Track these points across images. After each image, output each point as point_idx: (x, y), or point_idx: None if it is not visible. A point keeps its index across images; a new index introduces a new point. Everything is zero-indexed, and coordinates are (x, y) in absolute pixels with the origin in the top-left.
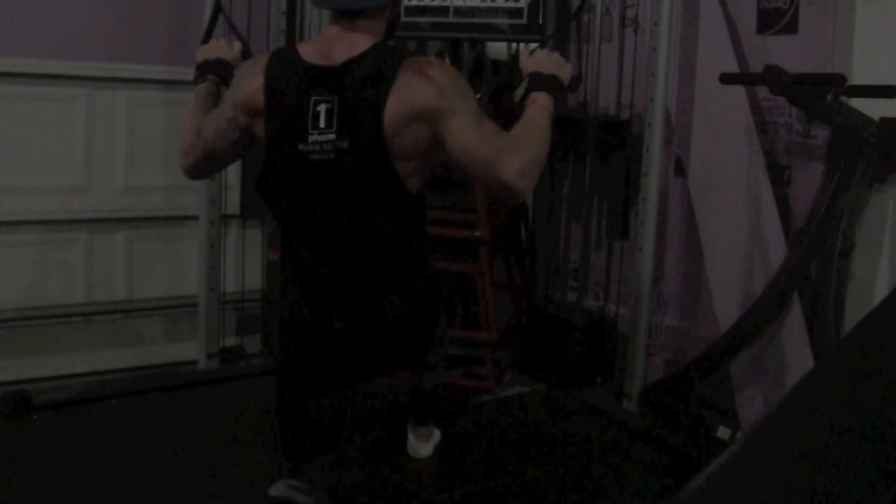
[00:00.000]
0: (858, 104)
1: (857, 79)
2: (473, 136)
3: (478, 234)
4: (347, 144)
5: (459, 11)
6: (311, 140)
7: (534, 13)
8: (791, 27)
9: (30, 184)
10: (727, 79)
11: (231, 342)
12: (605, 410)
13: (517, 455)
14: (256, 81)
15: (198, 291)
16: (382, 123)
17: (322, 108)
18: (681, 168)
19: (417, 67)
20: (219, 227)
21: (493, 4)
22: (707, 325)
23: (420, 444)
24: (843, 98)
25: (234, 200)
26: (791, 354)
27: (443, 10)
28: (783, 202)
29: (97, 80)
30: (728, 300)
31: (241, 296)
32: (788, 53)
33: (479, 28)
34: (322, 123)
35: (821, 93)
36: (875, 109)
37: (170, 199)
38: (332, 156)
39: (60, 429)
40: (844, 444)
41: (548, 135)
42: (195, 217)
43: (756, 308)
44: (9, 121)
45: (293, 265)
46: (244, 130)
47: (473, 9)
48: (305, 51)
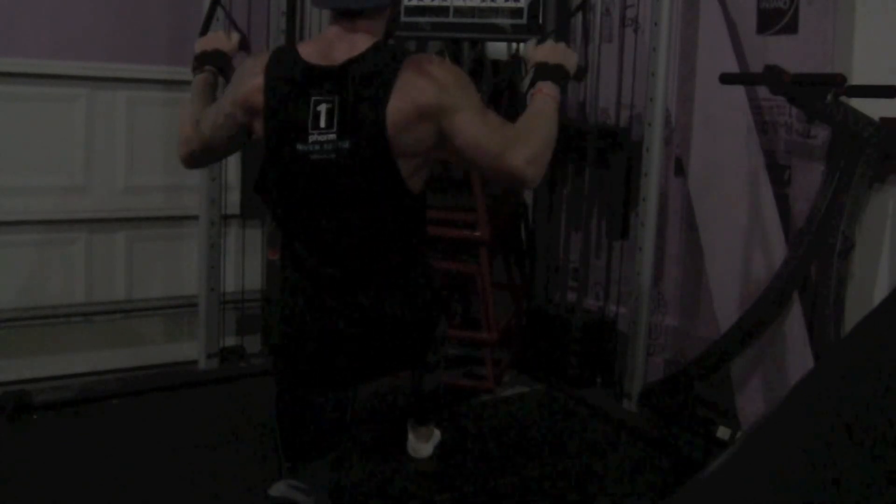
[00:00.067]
0: (858, 104)
1: (857, 79)
2: (479, 130)
3: (478, 234)
4: (348, 144)
5: (459, 11)
6: (312, 140)
7: (534, 13)
8: (791, 27)
9: (30, 184)
10: (727, 79)
11: (231, 342)
12: (605, 410)
13: (517, 455)
14: (256, 80)
15: (198, 291)
16: (385, 123)
17: (322, 108)
18: (681, 168)
19: (418, 66)
20: (219, 227)
21: (493, 4)
22: (707, 325)
23: (420, 444)
24: (843, 98)
25: (234, 200)
26: (791, 354)
27: (443, 10)
28: (783, 202)
29: (97, 80)
30: (728, 300)
31: (241, 296)
32: (788, 53)
33: (479, 28)
34: (322, 123)
35: (821, 93)
36: (875, 109)
37: (170, 199)
38: (333, 156)
39: (60, 429)
40: (844, 444)
41: (554, 123)
42: (195, 217)
43: (756, 308)
44: (9, 121)
45: (293, 265)
46: (242, 127)
47: (473, 9)
48: (305, 51)
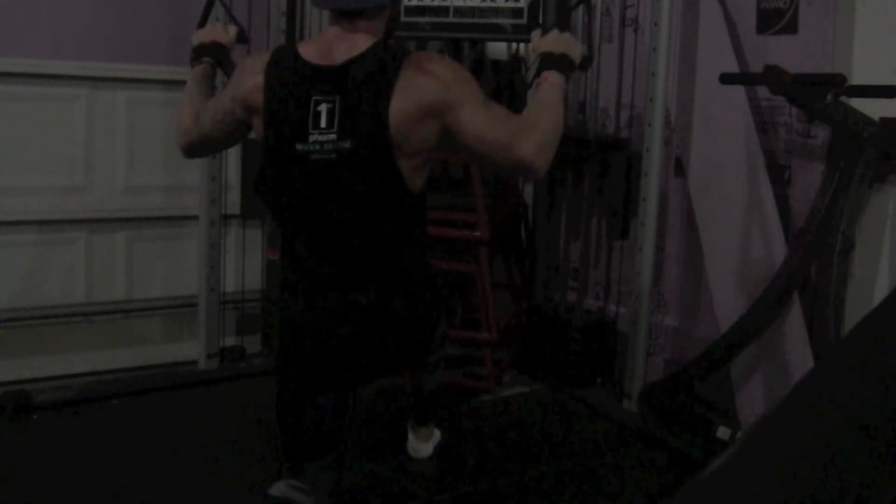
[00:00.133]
0: (858, 104)
1: (857, 79)
2: (485, 123)
3: (478, 234)
4: (349, 144)
5: (459, 11)
6: (312, 140)
7: (534, 13)
8: (791, 27)
9: (30, 184)
10: (727, 79)
11: (231, 342)
12: (605, 410)
13: (517, 455)
14: (257, 79)
15: (198, 291)
16: (388, 122)
17: (323, 108)
18: (681, 168)
19: (418, 64)
20: (219, 227)
21: (493, 4)
22: (707, 325)
23: (420, 444)
24: (843, 98)
25: (234, 200)
26: (791, 354)
27: (443, 10)
28: (783, 202)
29: (97, 80)
30: (728, 300)
31: (241, 296)
32: (788, 53)
33: (479, 28)
34: (323, 123)
35: (821, 93)
36: (875, 109)
37: (170, 199)
38: (333, 156)
39: (60, 429)
40: (845, 444)
41: (561, 111)
42: (195, 217)
43: (756, 308)
44: (9, 121)
45: (293, 265)
46: (240, 123)
47: (473, 9)
48: (306, 51)
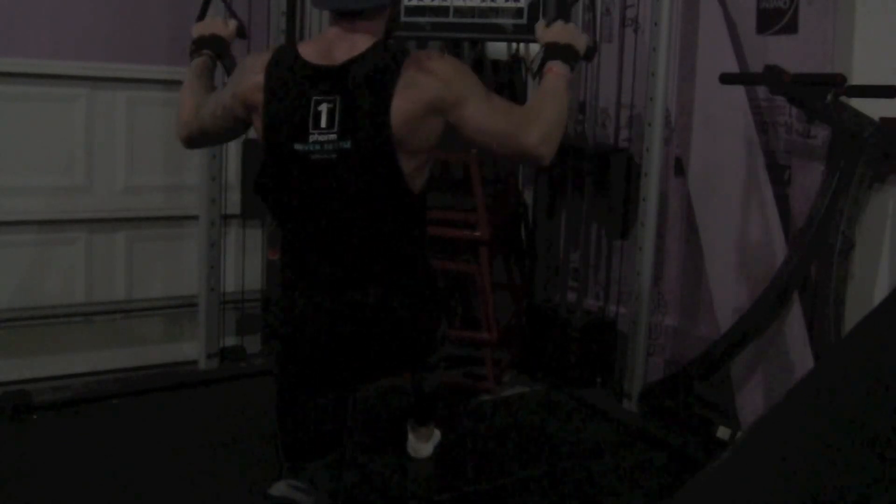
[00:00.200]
0: (858, 104)
1: (857, 79)
2: (489, 116)
3: (478, 234)
4: (350, 144)
5: (459, 11)
6: (312, 140)
7: (534, 13)
8: (791, 27)
9: (30, 184)
10: (727, 79)
11: (231, 342)
12: (605, 410)
13: (517, 455)
14: (257, 78)
15: (198, 291)
16: (389, 122)
17: (323, 108)
18: (681, 168)
19: (419, 63)
20: (219, 227)
21: (493, 4)
22: (707, 325)
23: (420, 444)
24: (843, 98)
25: (234, 200)
26: (791, 354)
27: (443, 10)
28: (783, 202)
29: (97, 80)
30: (728, 300)
31: (241, 296)
32: (788, 53)
33: (479, 28)
34: (323, 123)
35: (821, 93)
36: (875, 109)
37: (170, 199)
38: (334, 156)
39: (60, 429)
40: (844, 444)
41: (565, 101)
42: (195, 217)
43: (756, 308)
44: (9, 121)
45: (293, 265)
46: (240, 120)
47: (473, 9)
48: (306, 51)
